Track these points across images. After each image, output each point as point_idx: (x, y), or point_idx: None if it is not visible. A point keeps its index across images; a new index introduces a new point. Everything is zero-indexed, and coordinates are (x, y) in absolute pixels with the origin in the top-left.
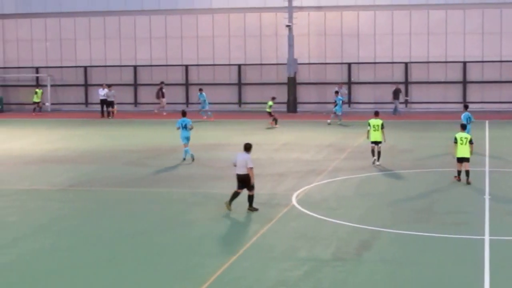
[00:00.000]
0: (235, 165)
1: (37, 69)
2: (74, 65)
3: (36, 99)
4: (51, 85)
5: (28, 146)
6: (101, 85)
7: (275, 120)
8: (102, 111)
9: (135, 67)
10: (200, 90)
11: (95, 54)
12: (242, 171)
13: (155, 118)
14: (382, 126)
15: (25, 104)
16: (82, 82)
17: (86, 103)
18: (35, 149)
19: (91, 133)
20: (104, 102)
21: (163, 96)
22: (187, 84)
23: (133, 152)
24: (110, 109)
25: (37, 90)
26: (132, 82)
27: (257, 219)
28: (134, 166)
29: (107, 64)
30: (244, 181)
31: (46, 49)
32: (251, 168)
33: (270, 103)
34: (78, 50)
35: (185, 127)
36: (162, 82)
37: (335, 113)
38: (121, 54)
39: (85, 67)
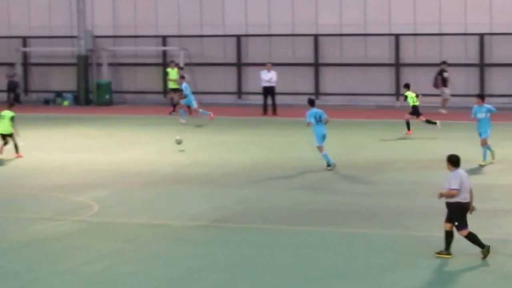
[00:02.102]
0: (457, 191)
1: (164, 39)
2: (221, 33)
3: (172, 85)
4: (186, 64)
5: (149, 158)
6: (264, 65)
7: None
8: (265, 105)
9: (315, 36)
10: (182, 78)
11: (253, 18)
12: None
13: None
14: None
15: (145, 93)
16: (233, 60)
17: (239, 92)
18: (160, 163)
19: (245, 139)
20: (268, 91)
21: (444, 85)
22: (397, 65)
23: (310, 170)
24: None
25: (168, 69)
26: (311, 60)
27: (478, 276)
28: (312, 191)
29: (272, 32)
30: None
31: (179, 8)
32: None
33: (412, 94)
34: (227, 11)
35: (320, 121)
36: (444, 62)
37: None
38: (293, 18)
39: (238, 37)
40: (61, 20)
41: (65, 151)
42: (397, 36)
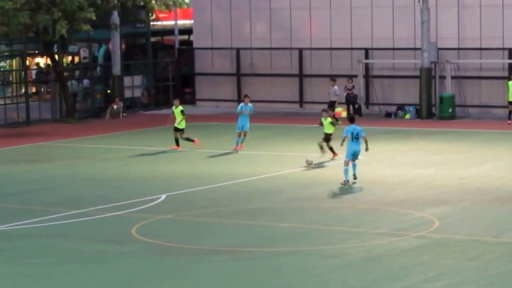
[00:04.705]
0: None
1: (510, 52)
2: None
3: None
4: None
5: (496, 174)
6: None
7: None
8: None
9: None
10: (246, 97)
11: None
12: None
13: None
14: None
15: (489, 107)
16: None
17: None
18: (507, 180)
19: None
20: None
21: None
22: None
23: None
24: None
25: (510, 82)
26: None
27: None
28: None
29: None
30: None
31: None
32: None
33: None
34: None
35: (356, 138)
36: None
37: None
38: None
39: None
40: (405, 32)
41: (406, 165)
42: None
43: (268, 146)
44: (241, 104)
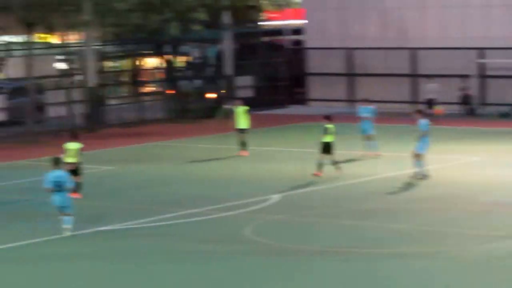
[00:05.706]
0: None
1: None
2: None
3: None
4: None
5: None
6: None
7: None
8: None
9: None
10: (364, 100)
11: None
12: None
13: None
14: None
15: None
16: None
17: None
18: None
19: None
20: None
21: None
22: None
23: None
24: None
25: None
26: None
27: None
28: None
29: None
30: None
31: None
32: None
33: None
34: None
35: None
36: None
37: None
38: None
39: None
40: None
41: None
42: None
43: (383, 147)
44: (361, 107)
